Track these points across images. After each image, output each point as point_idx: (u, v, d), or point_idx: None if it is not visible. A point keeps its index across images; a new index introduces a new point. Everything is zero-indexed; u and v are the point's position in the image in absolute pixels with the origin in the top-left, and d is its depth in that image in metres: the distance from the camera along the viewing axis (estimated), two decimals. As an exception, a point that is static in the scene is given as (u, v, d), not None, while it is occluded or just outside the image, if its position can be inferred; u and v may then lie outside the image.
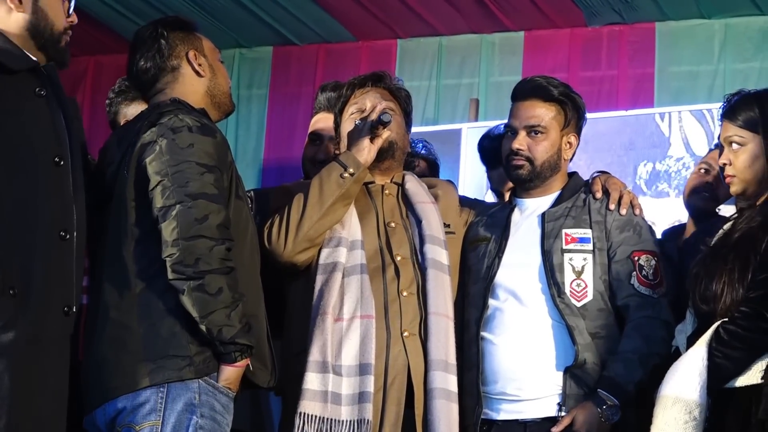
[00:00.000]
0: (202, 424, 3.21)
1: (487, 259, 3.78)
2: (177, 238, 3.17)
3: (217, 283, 3.17)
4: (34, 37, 3.26)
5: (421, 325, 3.66)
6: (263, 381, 3.40)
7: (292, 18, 6.78)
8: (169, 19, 3.63)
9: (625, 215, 3.73)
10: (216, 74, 3.57)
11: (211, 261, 3.17)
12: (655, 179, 6.09)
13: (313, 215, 3.66)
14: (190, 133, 3.28)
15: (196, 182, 3.22)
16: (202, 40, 3.60)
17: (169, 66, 3.51)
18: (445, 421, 3.55)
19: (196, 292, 3.16)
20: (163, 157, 3.25)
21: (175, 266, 3.17)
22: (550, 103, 3.81)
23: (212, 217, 3.19)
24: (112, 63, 7.22)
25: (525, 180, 3.82)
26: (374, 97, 3.85)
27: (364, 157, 3.72)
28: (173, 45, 3.52)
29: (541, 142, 3.79)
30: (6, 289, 3.01)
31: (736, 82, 6.31)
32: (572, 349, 3.60)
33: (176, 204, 3.19)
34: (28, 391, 3.04)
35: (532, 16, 6.65)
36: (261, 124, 7.13)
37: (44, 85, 3.21)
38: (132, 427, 3.20)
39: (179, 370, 3.19)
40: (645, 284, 3.66)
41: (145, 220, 3.28)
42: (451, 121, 6.70)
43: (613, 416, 3.52)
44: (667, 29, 6.61)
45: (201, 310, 3.16)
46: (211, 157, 3.28)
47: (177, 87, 3.50)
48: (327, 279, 3.64)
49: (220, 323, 3.17)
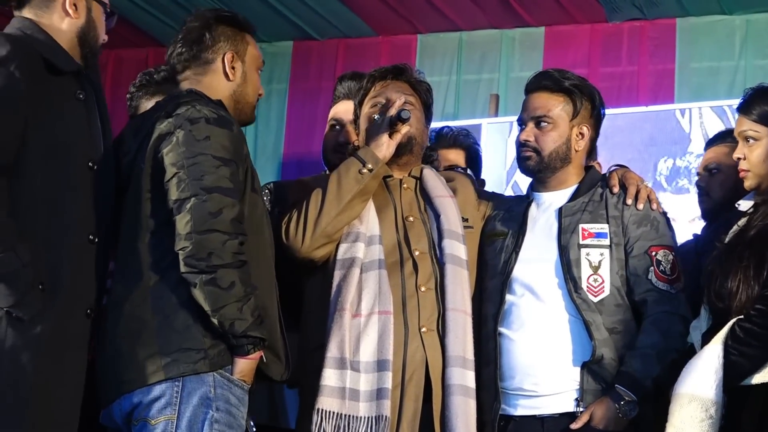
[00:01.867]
0: (218, 417, 3.21)
1: (504, 254, 3.78)
2: (190, 232, 3.17)
3: (229, 277, 3.17)
4: (81, 44, 3.38)
5: (439, 321, 3.66)
6: (277, 373, 3.40)
7: (312, 12, 6.78)
8: (225, 13, 3.63)
9: (642, 210, 3.72)
10: (246, 83, 3.56)
11: (224, 255, 3.17)
12: (676, 175, 6.07)
13: (332, 211, 3.65)
14: (207, 124, 3.29)
15: (212, 175, 3.22)
16: (249, 45, 3.58)
17: (203, 58, 3.51)
18: (462, 417, 3.55)
19: (208, 286, 3.16)
20: (179, 148, 3.26)
21: (188, 260, 3.18)
22: (558, 94, 3.80)
23: (226, 212, 3.19)
24: (132, 57, 7.23)
25: (534, 171, 3.82)
26: (395, 92, 3.83)
27: (382, 153, 3.71)
28: (216, 40, 3.52)
29: (548, 132, 3.78)
30: (36, 284, 3.08)
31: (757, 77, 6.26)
32: (589, 344, 3.59)
33: (191, 197, 3.20)
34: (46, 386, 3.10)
35: (552, 12, 6.64)
36: (281, 119, 7.13)
37: (84, 88, 3.30)
38: (148, 422, 3.21)
39: (194, 364, 3.20)
40: (663, 279, 3.65)
41: (159, 211, 3.29)
42: (471, 117, 6.68)
43: (630, 411, 3.51)
44: (687, 25, 6.58)
45: (213, 304, 3.17)
46: (227, 150, 3.28)
47: (203, 80, 3.50)
48: (345, 274, 3.64)
49: (232, 317, 3.18)
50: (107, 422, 3.35)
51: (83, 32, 3.38)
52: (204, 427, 3.20)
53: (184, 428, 3.19)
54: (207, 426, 3.20)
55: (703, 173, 4.24)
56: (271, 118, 7.11)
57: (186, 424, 3.19)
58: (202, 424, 3.20)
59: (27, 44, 3.23)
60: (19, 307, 3.08)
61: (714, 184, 4.15)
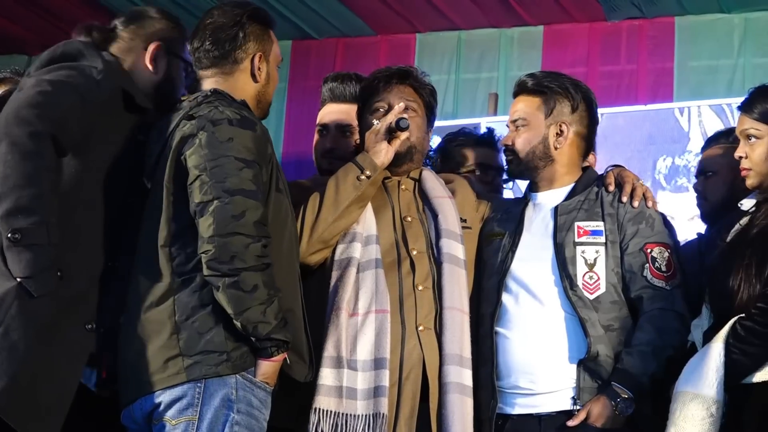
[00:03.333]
0: (239, 419, 3.20)
1: (501, 253, 3.78)
2: (213, 235, 3.16)
3: (252, 280, 3.16)
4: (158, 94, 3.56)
5: (436, 320, 3.66)
6: (300, 375, 3.39)
7: (310, 12, 6.78)
8: (255, 9, 3.58)
9: (637, 207, 3.73)
10: (269, 84, 3.55)
11: (247, 258, 3.16)
12: (675, 174, 6.07)
13: (329, 217, 3.65)
14: (230, 126, 3.26)
15: (235, 178, 3.20)
16: (273, 44, 3.57)
17: (233, 57, 3.49)
18: (459, 415, 3.56)
19: (231, 289, 3.15)
20: (202, 150, 3.24)
21: (211, 263, 3.16)
22: (535, 96, 3.85)
23: (249, 214, 3.18)
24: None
25: (514, 174, 3.89)
26: (397, 97, 3.83)
27: (381, 160, 3.71)
28: (248, 39, 3.49)
29: (522, 134, 3.83)
30: (55, 267, 3.13)
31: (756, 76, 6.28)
32: (585, 341, 3.60)
33: (214, 200, 3.18)
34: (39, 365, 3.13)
35: (551, 11, 6.64)
36: (280, 118, 7.13)
37: (143, 132, 3.44)
38: (168, 422, 3.20)
39: (216, 366, 3.19)
40: (658, 276, 3.65)
41: (183, 214, 3.27)
42: (470, 116, 6.67)
43: (627, 409, 3.51)
44: (686, 24, 6.59)
45: (236, 307, 3.16)
46: (251, 152, 3.26)
47: (229, 80, 3.48)
48: (341, 274, 3.64)
49: (255, 320, 3.17)
50: (128, 422, 3.33)
51: (159, 86, 3.54)
52: (225, 429, 3.18)
53: (205, 430, 3.18)
54: (228, 428, 3.19)
55: (699, 177, 4.23)
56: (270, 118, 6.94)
57: (207, 426, 3.18)
58: (223, 426, 3.18)
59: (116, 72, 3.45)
60: (33, 280, 3.09)
61: (710, 187, 4.14)
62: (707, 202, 4.16)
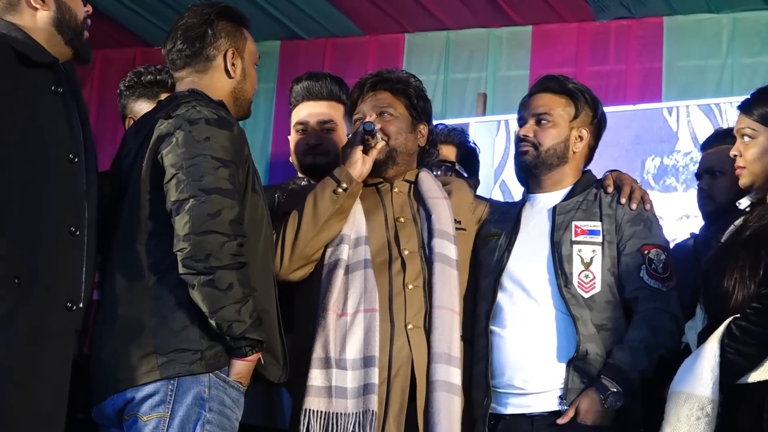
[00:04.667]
0: (211, 418, 3.21)
1: (497, 252, 3.79)
2: (189, 233, 3.16)
3: (227, 278, 3.16)
4: (61, 31, 3.31)
5: (425, 318, 3.67)
6: (274, 376, 3.40)
7: (299, 12, 6.77)
8: (225, 8, 3.58)
9: (635, 209, 3.74)
10: (245, 79, 3.54)
11: (222, 257, 3.16)
12: (663, 174, 6.08)
13: (308, 233, 3.66)
14: (207, 125, 3.27)
15: (211, 177, 3.20)
16: (247, 41, 3.56)
17: (204, 54, 3.48)
18: (446, 413, 3.56)
19: (206, 288, 3.15)
20: (178, 149, 3.24)
21: (186, 261, 3.16)
22: (561, 95, 3.86)
23: (225, 213, 3.18)
24: (119, 57, 7.21)
25: (530, 166, 3.85)
26: (369, 106, 3.83)
27: (357, 171, 3.71)
28: (218, 36, 3.49)
29: (547, 129, 3.82)
30: (12, 279, 3.03)
31: (744, 76, 6.31)
32: (575, 340, 3.60)
33: (190, 198, 3.18)
34: (27, 382, 3.05)
35: (539, 11, 6.64)
36: (269, 119, 7.12)
37: (61, 83, 3.25)
38: (140, 418, 3.21)
39: (190, 364, 3.19)
40: (654, 277, 3.66)
41: (159, 213, 3.27)
42: (459, 116, 6.67)
43: (615, 402, 3.51)
44: (675, 24, 6.59)
45: (211, 306, 3.16)
46: (227, 152, 3.26)
47: (204, 78, 3.48)
48: (329, 277, 3.65)
49: (230, 319, 3.17)
50: (99, 419, 3.34)
51: (57, 19, 3.31)
52: (196, 427, 3.20)
53: (176, 427, 3.19)
54: (199, 426, 3.20)
55: (705, 176, 4.21)
56: (259, 118, 7.09)
57: (178, 423, 3.19)
58: (194, 424, 3.20)
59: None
60: None
61: (719, 187, 4.11)
62: (713, 202, 4.13)
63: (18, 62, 3.16)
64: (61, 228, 3.18)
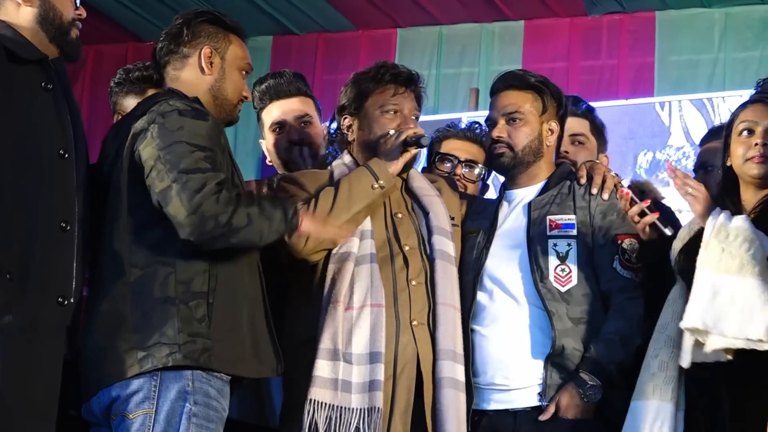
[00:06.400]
0: (196, 411, 3.21)
1: (476, 250, 3.78)
2: (186, 215, 3.16)
3: (242, 217, 3.20)
4: (44, 29, 3.28)
5: (429, 315, 3.67)
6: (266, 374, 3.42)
7: (291, 7, 6.78)
8: (209, 12, 3.59)
9: (608, 200, 3.73)
10: (224, 79, 3.50)
11: (225, 209, 3.17)
12: (656, 168, 6.09)
13: (342, 217, 3.64)
14: (180, 116, 3.26)
15: (188, 159, 3.20)
16: (231, 45, 3.53)
17: (181, 52, 3.48)
18: (453, 410, 3.56)
19: (242, 236, 3.21)
20: (154, 141, 3.24)
21: (203, 240, 3.19)
22: (526, 91, 3.82)
23: (210, 183, 3.18)
24: (112, 53, 7.21)
25: (507, 167, 3.83)
26: (411, 106, 3.81)
27: (395, 172, 3.72)
28: (196, 35, 3.48)
29: (520, 128, 3.80)
30: (3, 274, 3.04)
31: (737, 71, 6.33)
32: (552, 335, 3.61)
33: (172, 183, 3.18)
34: (20, 378, 3.06)
35: (532, 5, 6.65)
36: (261, 114, 7.12)
37: (51, 79, 3.25)
38: (126, 416, 3.20)
39: (165, 357, 3.18)
40: (627, 267, 3.66)
41: (140, 209, 3.27)
42: (451, 111, 6.68)
43: (594, 396, 3.51)
44: (667, 18, 6.61)
45: (256, 237, 3.26)
46: (203, 138, 3.25)
47: (181, 75, 3.47)
48: (339, 268, 3.63)
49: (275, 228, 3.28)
50: (88, 416, 3.34)
51: (41, 16, 3.28)
52: (182, 420, 3.19)
53: (162, 422, 3.18)
54: (185, 419, 3.19)
55: (699, 171, 4.23)
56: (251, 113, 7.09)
57: (164, 418, 3.18)
58: (180, 417, 3.19)
59: None
60: None
61: (711, 182, 4.13)
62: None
63: (7, 59, 3.17)
64: (51, 223, 3.18)
